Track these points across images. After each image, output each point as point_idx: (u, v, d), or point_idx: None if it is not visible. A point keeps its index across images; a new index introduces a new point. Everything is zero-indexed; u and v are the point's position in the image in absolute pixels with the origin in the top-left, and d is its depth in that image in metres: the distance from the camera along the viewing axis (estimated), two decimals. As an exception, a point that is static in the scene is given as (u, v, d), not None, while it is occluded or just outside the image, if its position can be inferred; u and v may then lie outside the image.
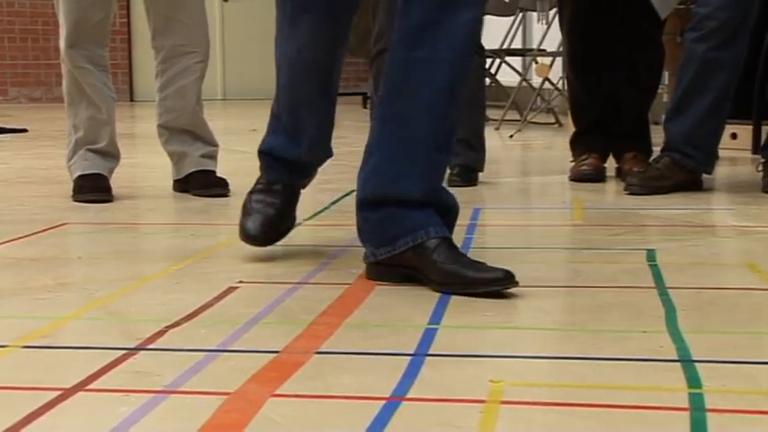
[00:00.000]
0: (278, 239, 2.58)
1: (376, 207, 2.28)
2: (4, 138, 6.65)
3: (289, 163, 2.59)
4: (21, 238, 2.95)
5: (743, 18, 3.70)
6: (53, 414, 1.47)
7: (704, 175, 3.87)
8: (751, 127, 4.95)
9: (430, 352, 1.77)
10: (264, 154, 2.63)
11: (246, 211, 2.56)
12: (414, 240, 2.21)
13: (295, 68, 2.53)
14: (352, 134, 6.22)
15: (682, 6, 4.45)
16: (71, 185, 3.74)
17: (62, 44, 3.73)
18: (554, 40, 7.18)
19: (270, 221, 2.54)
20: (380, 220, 2.27)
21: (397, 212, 2.25)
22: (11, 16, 10.57)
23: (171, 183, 3.93)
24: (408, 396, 1.53)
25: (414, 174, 2.26)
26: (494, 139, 5.63)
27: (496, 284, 2.14)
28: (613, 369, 1.69)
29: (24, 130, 6.99)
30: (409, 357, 1.73)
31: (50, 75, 10.73)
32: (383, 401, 1.50)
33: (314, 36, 2.47)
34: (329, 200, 3.67)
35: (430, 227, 2.22)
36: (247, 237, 2.52)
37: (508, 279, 2.13)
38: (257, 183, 2.63)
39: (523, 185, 4.45)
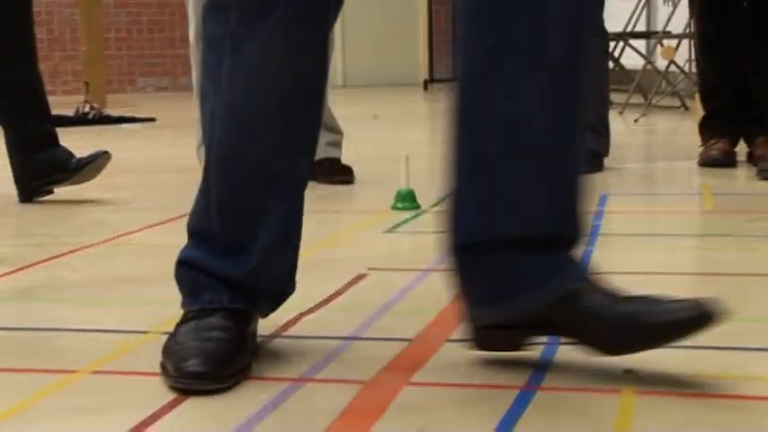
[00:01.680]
0: (236, 378, 1.58)
1: (485, 252, 1.60)
2: (133, 127, 6.77)
3: (225, 281, 1.70)
4: (155, 225, 3.00)
5: None
6: (194, 398, 1.50)
7: None
8: None
9: (563, 340, 1.76)
10: (185, 266, 1.75)
11: (170, 351, 1.61)
12: (551, 288, 1.58)
13: (241, 123, 1.69)
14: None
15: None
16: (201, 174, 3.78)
17: (191, 36, 3.79)
18: (680, 22, 7.07)
19: (216, 355, 1.58)
20: (494, 269, 1.61)
21: (518, 256, 1.59)
22: (139, 8, 10.74)
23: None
24: (543, 385, 1.53)
25: (538, 200, 1.61)
26: (618, 124, 5.57)
27: (692, 327, 1.51)
28: (750, 359, 1.66)
29: (152, 120, 7.09)
30: (543, 345, 1.72)
31: (176, 65, 10.88)
32: (518, 390, 1.51)
33: (271, 59, 1.63)
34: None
35: (571, 269, 1.61)
36: (188, 375, 1.54)
37: (707, 316, 1.50)
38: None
39: (649, 171, 4.40)
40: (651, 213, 3.19)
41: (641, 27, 8.00)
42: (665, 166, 4.52)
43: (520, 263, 1.59)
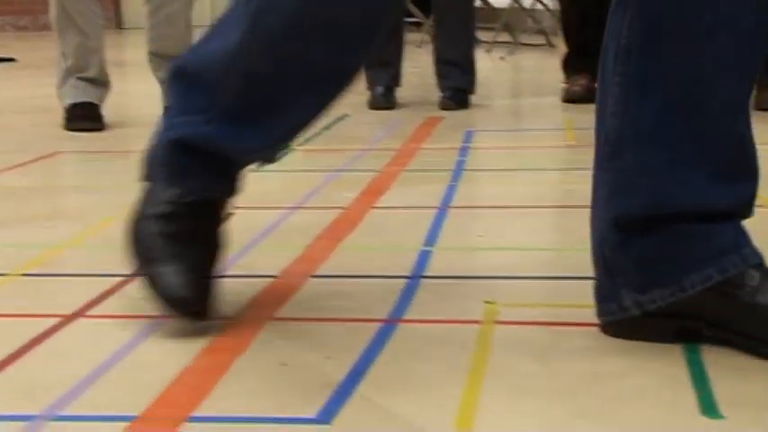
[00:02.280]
0: (210, 295, 1.53)
1: (648, 228, 1.41)
2: (-9, 67, 6.61)
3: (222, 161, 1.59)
4: (14, 167, 2.94)
5: None
6: (54, 339, 1.49)
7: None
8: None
9: (425, 274, 1.79)
10: (179, 145, 1.58)
11: (151, 254, 1.55)
12: (720, 272, 1.38)
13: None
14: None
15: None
16: (62, 114, 3.73)
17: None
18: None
19: (198, 268, 1.54)
20: (655, 248, 1.41)
21: (686, 232, 1.40)
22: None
23: (162, 110, 3.91)
24: (405, 317, 1.55)
25: (717, 169, 1.40)
26: (485, 62, 5.60)
27: None
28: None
29: (12, 60, 6.93)
30: (406, 280, 1.74)
31: (36, 2, 10.61)
32: (381, 323, 1.52)
33: None
34: (322, 124, 3.66)
35: (744, 248, 1.40)
36: (175, 302, 1.49)
37: None
38: (155, 201, 1.60)
39: (515, 108, 4.45)
40: (516, 149, 3.22)
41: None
42: (531, 103, 4.57)
43: (689, 238, 1.40)
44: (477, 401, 1.24)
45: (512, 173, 2.79)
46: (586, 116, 3.76)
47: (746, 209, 1.43)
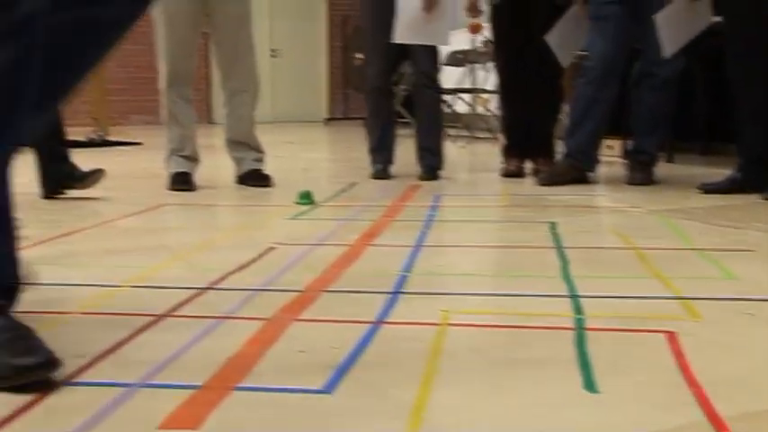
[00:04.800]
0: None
1: None
2: (126, 148, 6.61)
3: None
4: (132, 214, 2.92)
5: (614, 69, 3.70)
6: (150, 331, 1.46)
7: (589, 174, 3.86)
8: (621, 140, 4.92)
9: (402, 290, 1.75)
10: None
11: None
12: None
13: None
14: (355, 144, 6.15)
15: (575, 60, 4.41)
16: (167, 179, 3.71)
17: (162, 85, 3.71)
18: (492, 82, 7.13)
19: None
20: None
21: None
22: (133, 66, 10.52)
23: (233, 178, 3.90)
24: (386, 320, 1.52)
25: None
26: (451, 149, 5.59)
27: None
28: (525, 302, 1.67)
29: (140, 144, 6.94)
30: (389, 294, 1.71)
31: (158, 106, 10.68)
32: (368, 325, 1.49)
33: None
34: (339, 188, 3.65)
35: None
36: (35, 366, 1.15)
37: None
38: None
39: (470, 179, 4.41)
40: (468, 207, 3.19)
41: (468, 85, 8.05)
42: (480, 177, 4.54)
43: None
44: (432, 377, 1.21)
45: (466, 223, 2.76)
46: (517, 186, 3.78)
47: None
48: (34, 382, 1.14)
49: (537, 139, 4.21)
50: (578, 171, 3.82)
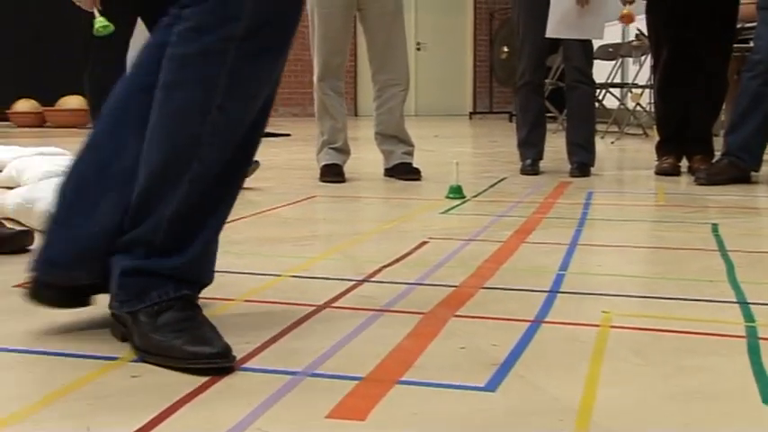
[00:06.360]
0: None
1: None
2: (276, 140, 6.80)
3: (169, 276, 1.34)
4: (287, 205, 3.00)
5: None
6: (311, 321, 1.48)
7: (753, 173, 3.68)
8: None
9: (560, 290, 1.72)
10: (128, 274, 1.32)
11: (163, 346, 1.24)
12: None
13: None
14: (501, 138, 6.10)
15: (738, 54, 4.21)
16: (318, 171, 3.79)
17: (315, 78, 3.79)
18: (643, 76, 6.93)
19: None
20: None
21: None
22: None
23: (382, 171, 3.94)
24: (546, 320, 1.49)
25: None
26: (600, 145, 5.45)
27: None
28: (691, 306, 1.61)
29: (288, 135, 7.13)
30: (546, 293, 1.68)
31: (305, 97, 10.93)
32: (528, 323, 1.47)
33: None
34: (488, 183, 3.62)
35: None
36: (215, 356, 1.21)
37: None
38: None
39: (621, 177, 4.29)
40: (622, 205, 3.10)
41: (617, 79, 7.84)
42: (632, 174, 4.40)
43: None
44: (597, 379, 1.17)
45: (620, 222, 2.68)
46: (672, 185, 3.65)
47: None
48: (206, 368, 1.19)
49: (695, 135, 4.04)
50: (739, 170, 3.64)
